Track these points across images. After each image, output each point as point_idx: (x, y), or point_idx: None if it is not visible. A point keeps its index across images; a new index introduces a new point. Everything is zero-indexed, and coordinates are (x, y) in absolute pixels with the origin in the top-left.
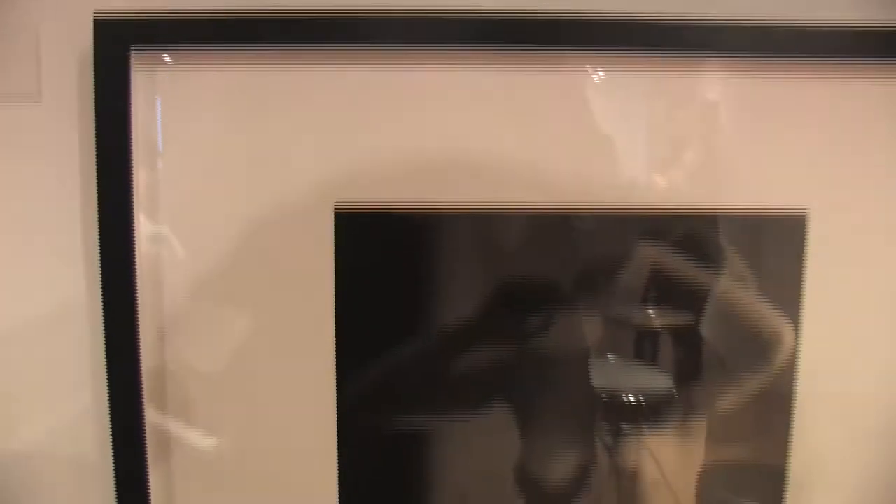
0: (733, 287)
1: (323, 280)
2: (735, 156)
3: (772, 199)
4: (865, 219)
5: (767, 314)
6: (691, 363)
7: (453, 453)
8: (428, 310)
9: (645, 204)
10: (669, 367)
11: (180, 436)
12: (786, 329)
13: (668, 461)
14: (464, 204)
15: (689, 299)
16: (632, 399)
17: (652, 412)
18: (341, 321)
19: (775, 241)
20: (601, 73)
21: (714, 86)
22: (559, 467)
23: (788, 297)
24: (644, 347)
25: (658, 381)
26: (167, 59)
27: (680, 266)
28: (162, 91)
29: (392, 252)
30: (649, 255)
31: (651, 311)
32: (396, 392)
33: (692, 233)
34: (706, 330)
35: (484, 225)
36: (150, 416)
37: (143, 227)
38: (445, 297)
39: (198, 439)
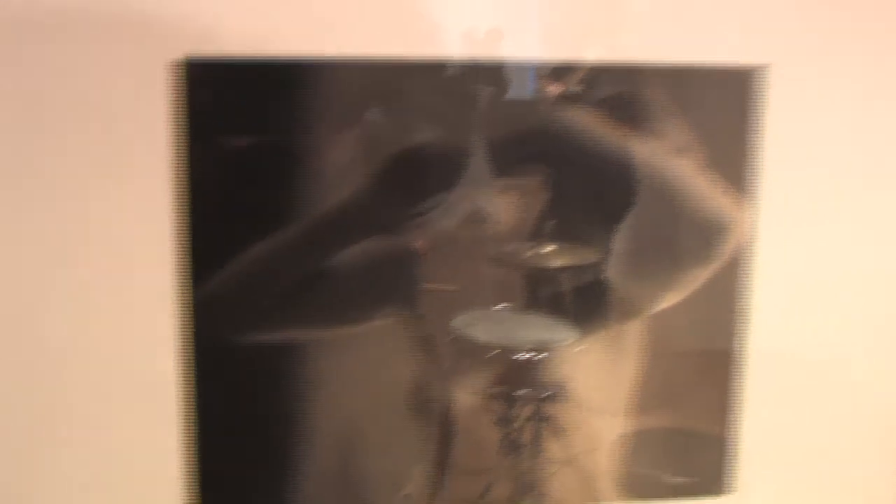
0: (671, 159)
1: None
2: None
3: (727, 54)
4: (833, 76)
5: (712, 192)
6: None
7: (335, 372)
8: (298, 188)
9: (575, 59)
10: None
11: None
12: (735, 209)
13: (578, 429)
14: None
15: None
16: (527, 356)
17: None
18: (189, 207)
19: (726, 104)
20: None
21: None
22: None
23: (740, 171)
24: (540, 292)
25: (559, 332)
26: None
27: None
28: None
29: (253, 112)
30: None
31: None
32: (258, 297)
33: (621, 93)
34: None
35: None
36: None
37: None
38: (320, 174)
39: None
